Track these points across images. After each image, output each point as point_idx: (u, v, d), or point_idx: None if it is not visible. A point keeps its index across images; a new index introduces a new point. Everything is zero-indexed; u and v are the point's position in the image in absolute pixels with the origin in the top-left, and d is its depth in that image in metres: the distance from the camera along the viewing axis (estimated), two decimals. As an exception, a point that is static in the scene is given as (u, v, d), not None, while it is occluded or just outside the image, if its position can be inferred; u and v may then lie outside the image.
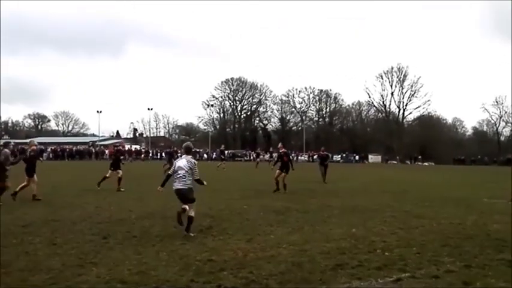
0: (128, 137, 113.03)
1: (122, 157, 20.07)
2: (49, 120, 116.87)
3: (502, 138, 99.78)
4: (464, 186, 23.35)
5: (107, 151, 68.85)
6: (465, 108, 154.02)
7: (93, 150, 68.06)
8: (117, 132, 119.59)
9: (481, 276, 6.13)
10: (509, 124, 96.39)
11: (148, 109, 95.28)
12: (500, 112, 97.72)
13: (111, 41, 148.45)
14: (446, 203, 14.73)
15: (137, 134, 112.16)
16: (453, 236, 8.98)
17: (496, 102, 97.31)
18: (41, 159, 18.98)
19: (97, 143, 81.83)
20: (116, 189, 17.25)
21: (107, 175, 18.13)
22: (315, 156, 51.69)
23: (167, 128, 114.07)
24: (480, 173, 40.83)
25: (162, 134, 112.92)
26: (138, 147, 78.40)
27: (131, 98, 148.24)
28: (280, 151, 18.38)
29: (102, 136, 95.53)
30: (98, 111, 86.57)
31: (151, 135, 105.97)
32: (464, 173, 41.59)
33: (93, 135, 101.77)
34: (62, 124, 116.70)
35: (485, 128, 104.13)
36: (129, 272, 6.16)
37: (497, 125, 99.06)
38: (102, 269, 6.31)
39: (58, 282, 5.73)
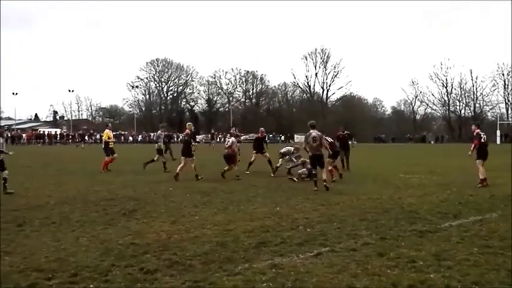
0: (48, 120, 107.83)
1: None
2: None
3: (418, 116, 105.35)
4: (382, 163, 24.46)
5: (24, 135, 65.51)
6: (385, 89, 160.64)
7: (9, 135, 64.30)
8: (36, 115, 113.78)
9: (394, 247, 6.46)
10: (424, 103, 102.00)
11: (69, 91, 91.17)
12: (415, 92, 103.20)
13: (26, 17, 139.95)
14: (366, 180, 15.36)
15: (57, 117, 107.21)
16: (371, 211, 9.39)
17: (412, 82, 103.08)
18: None
19: (13, 127, 77.46)
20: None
21: None
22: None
23: (90, 110, 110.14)
24: (398, 150, 42.92)
25: (84, 116, 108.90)
26: (58, 130, 74.91)
27: (50, 80, 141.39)
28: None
29: (18, 120, 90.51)
30: (13, 93, 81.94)
31: (73, 118, 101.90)
32: (383, 151, 43.58)
33: (9, 118, 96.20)
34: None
35: (402, 108, 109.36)
36: (46, 260, 5.90)
37: (413, 104, 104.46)
38: (16, 258, 5.99)
39: (-33, 274, 5.38)
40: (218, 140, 64.88)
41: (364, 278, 5.18)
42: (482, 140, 14.19)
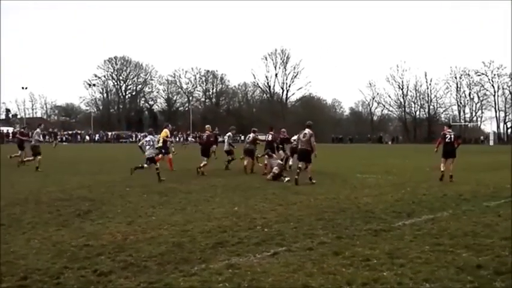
0: (0, 118, 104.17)
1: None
2: None
3: (375, 117, 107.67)
4: (340, 163, 24.84)
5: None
6: (343, 90, 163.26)
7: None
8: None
9: (350, 246, 6.56)
10: (381, 105, 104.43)
11: (23, 88, 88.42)
12: (373, 93, 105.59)
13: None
14: (324, 179, 15.55)
15: (10, 115, 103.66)
16: (328, 210, 9.51)
17: (370, 84, 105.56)
18: None
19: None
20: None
21: None
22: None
23: (45, 108, 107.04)
24: (355, 151, 43.73)
25: (39, 114, 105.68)
26: (11, 129, 72.48)
27: (2, 77, 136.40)
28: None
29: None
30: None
31: (27, 116, 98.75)
32: (341, 151, 44.31)
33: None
34: None
35: (360, 109, 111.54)
36: (-6, 263, 5.68)
37: (370, 106, 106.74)
38: (-38, 262, 5.75)
39: None
40: (178, 139, 64.15)
41: (320, 277, 5.24)
42: (447, 140, 15.40)
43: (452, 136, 15.56)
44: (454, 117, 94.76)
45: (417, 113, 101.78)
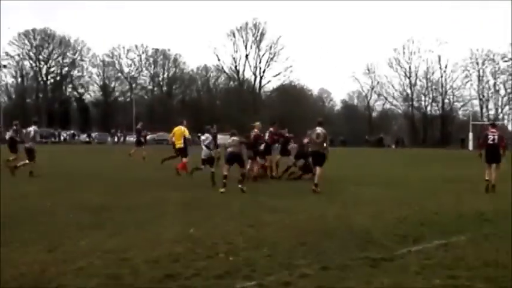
0: None
1: None
2: None
3: (374, 114, 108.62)
4: (328, 172, 24.95)
5: None
6: (334, 78, 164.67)
7: None
8: None
9: (339, 279, 6.64)
10: (382, 97, 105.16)
11: None
12: (372, 82, 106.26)
13: None
14: (306, 193, 15.67)
15: None
16: (311, 233, 9.59)
17: (368, 70, 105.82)
18: None
19: None
20: None
21: None
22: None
23: None
24: (348, 156, 44.07)
25: None
26: None
27: None
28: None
29: None
30: None
31: None
32: (329, 156, 44.52)
33: None
34: None
35: (355, 102, 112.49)
36: None
37: (368, 98, 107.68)
38: None
39: None
40: (117, 139, 63.75)
41: (300, 320, 5.30)
42: (489, 141, 16.50)
43: (496, 137, 16.52)
44: (475, 114, 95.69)
45: (428, 108, 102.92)
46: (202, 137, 18.22)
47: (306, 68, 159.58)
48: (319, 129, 16.58)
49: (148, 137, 58.75)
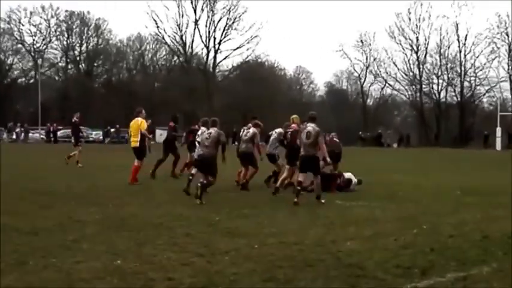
0: None
1: None
2: None
3: (370, 101, 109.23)
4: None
5: None
6: (315, 53, 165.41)
7: None
8: None
9: (320, 328, 6.61)
10: (380, 79, 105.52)
11: None
12: (367, 59, 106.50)
13: None
14: (277, 209, 15.66)
15: None
16: (283, 264, 9.54)
17: (361, 43, 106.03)
18: None
19: None
20: None
21: None
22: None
23: None
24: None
25: None
26: None
27: None
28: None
29: None
30: None
31: None
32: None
33: None
34: None
35: (344, 85, 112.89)
36: None
37: (361, 80, 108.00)
38: None
39: None
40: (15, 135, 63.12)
41: None
42: None
43: None
44: (505, 102, 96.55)
45: (442, 94, 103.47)
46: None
47: (278, 39, 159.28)
48: (310, 127, 16.98)
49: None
